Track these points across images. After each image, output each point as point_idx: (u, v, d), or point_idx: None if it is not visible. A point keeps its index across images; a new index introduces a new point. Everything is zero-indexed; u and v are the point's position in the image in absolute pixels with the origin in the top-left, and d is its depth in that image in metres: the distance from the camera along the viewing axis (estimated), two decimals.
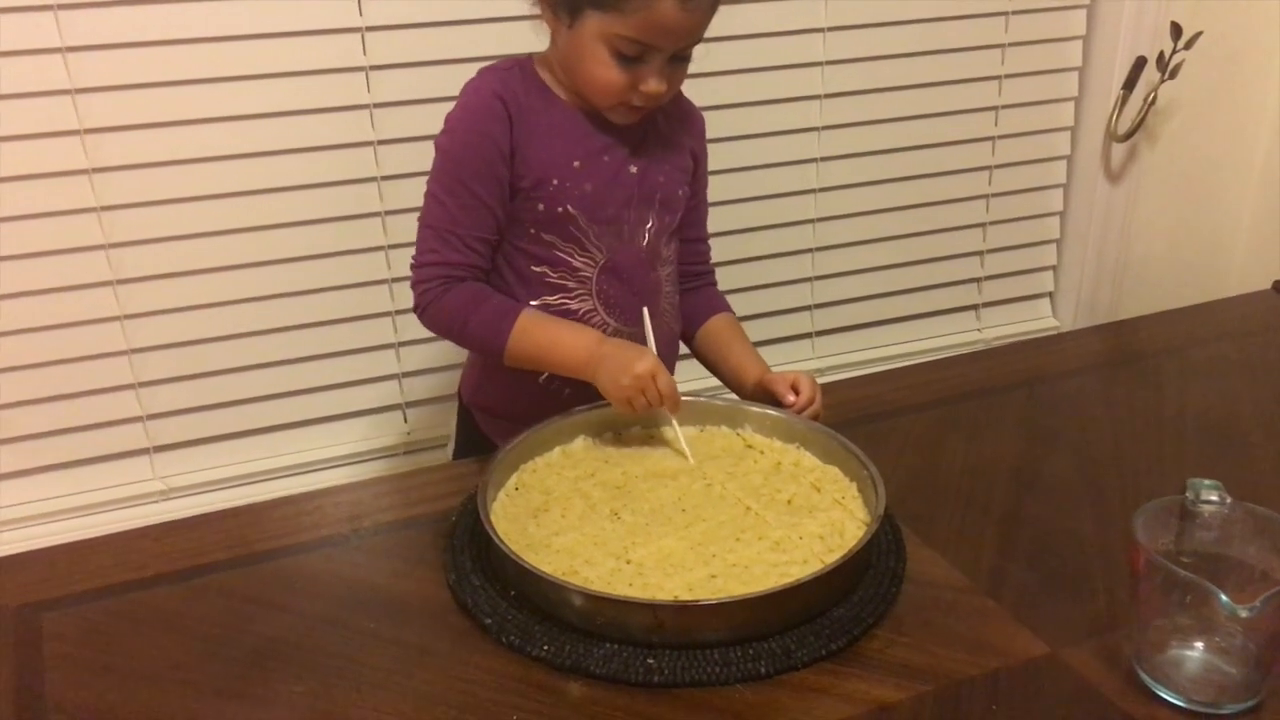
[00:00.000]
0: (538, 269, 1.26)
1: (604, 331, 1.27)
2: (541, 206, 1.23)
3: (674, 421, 1.20)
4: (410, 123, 1.60)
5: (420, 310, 1.24)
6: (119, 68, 1.45)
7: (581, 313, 1.27)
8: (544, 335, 1.21)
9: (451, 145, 1.24)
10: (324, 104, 1.56)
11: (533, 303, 1.26)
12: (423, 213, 1.26)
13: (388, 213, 1.63)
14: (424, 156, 1.58)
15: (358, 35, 1.54)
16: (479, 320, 1.21)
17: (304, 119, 1.56)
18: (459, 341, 1.26)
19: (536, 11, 1.22)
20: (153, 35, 1.45)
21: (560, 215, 1.23)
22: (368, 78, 1.57)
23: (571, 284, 1.26)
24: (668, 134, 1.31)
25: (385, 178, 1.62)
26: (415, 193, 1.61)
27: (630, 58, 1.16)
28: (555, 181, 1.22)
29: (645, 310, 1.26)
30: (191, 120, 1.51)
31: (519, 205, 1.24)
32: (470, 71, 1.56)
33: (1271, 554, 0.92)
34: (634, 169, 1.26)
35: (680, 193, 1.31)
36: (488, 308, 1.22)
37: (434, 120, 1.56)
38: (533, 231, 1.24)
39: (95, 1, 1.42)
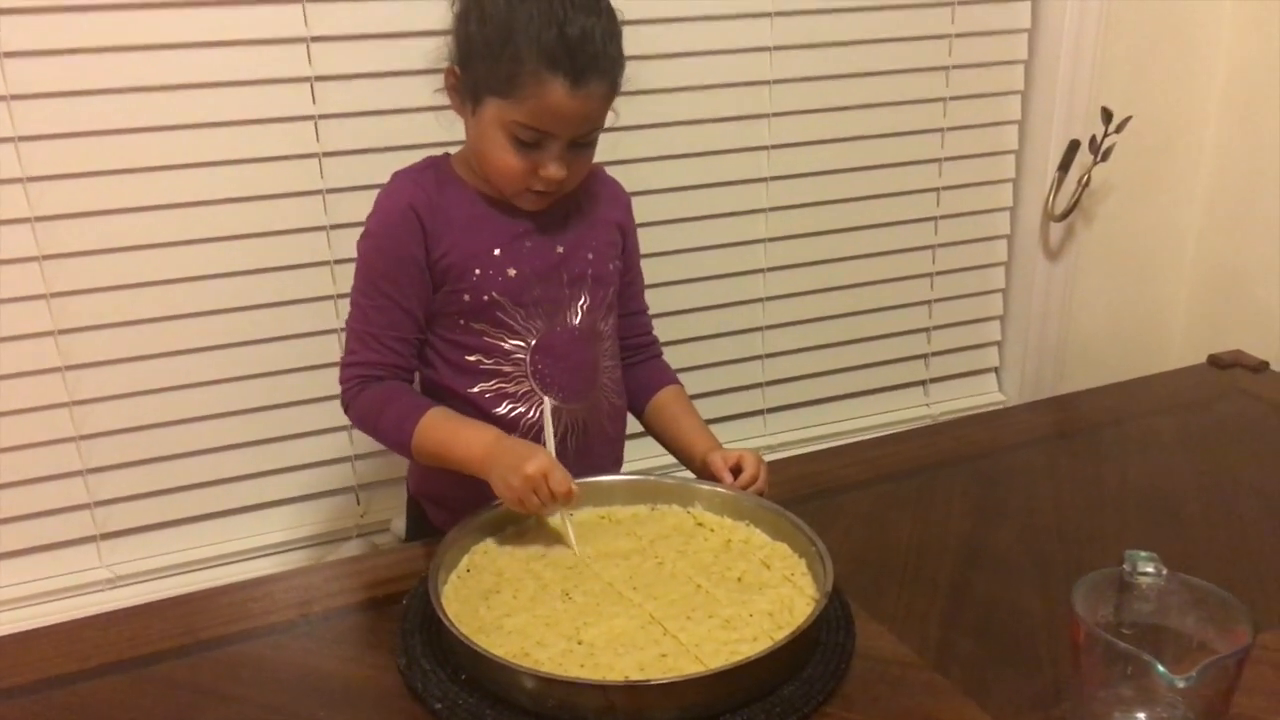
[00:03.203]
0: (471, 358, 1.28)
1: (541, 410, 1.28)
2: (467, 297, 1.25)
3: (566, 513, 1.19)
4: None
5: (345, 408, 1.28)
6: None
7: (520, 394, 1.28)
8: (444, 434, 1.22)
9: (367, 251, 1.27)
10: (276, 183, 1.57)
11: (470, 390, 1.28)
12: (348, 316, 1.29)
13: (339, 296, 1.64)
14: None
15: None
16: (387, 420, 1.24)
17: (257, 195, 1.57)
18: (376, 439, 1.28)
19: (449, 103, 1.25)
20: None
21: (486, 303, 1.25)
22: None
23: (507, 368, 1.28)
24: (590, 212, 1.33)
25: (338, 261, 1.63)
26: None
27: (528, 144, 1.18)
28: (477, 272, 1.24)
29: (546, 402, 1.27)
30: (143, 206, 1.52)
31: (444, 299, 1.26)
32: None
33: (1208, 624, 0.94)
34: (560, 249, 1.28)
35: (611, 267, 1.33)
36: (395, 408, 1.24)
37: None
38: (462, 322, 1.27)
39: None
